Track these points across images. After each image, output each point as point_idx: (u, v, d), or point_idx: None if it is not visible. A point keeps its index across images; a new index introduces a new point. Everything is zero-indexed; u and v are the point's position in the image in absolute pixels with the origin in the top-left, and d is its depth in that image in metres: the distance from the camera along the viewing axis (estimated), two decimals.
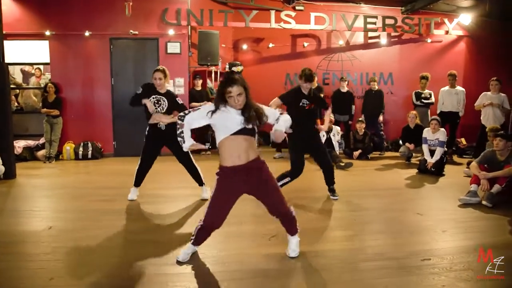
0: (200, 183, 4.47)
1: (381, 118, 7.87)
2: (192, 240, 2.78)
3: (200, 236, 2.74)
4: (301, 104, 4.31)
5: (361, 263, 2.80)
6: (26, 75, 8.66)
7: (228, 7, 7.89)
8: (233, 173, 2.57)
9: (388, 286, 2.45)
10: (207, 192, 4.34)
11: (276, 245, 3.08)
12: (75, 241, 3.21)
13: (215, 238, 2.91)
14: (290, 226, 2.85)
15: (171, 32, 7.37)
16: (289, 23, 7.79)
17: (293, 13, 7.81)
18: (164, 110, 4.20)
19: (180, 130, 2.63)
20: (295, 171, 4.38)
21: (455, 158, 7.47)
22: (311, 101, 4.38)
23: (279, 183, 4.34)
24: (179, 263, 2.75)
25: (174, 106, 4.23)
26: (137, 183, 4.42)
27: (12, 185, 5.34)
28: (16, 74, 8.50)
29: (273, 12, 7.69)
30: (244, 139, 2.56)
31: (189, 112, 2.64)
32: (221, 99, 2.57)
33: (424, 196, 4.82)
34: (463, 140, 7.99)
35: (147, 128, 4.31)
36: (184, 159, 4.38)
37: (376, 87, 7.83)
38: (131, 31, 7.21)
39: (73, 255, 2.95)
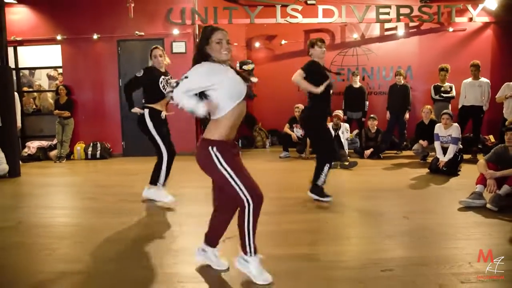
0: (155, 182, 4.07)
1: (407, 115, 7.21)
2: (250, 248, 2.27)
3: (255, 224, 2.26)
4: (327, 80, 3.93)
5: (319, 271, 2.51)
6: (50, 79, 9.07)
7: (234, 4, 7.75)
8: (233, 148, 2.28)
9: None
10: (150, 192, 4.07)
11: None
12: (38, 237, 3.20)
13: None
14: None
15: (176, 31, 7.36)
16: (296, 17, 7.49)
17: (300, 7, 7.49)
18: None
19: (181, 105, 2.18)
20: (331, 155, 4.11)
21: (480, 157, 6.76)
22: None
23: (321, 180, 4.04)
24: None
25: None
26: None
27: (13, 183, 5.55)
28: (43, 78, 8.93)
29: (278, 7, 7.44)
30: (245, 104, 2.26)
31: (177, 84, 2.18)
32: (202, 53, 2.21)
33: (422, 198, 4.33)
34: (491, 137, 7.27)
35: (149, 113, 3.98)
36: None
37: (402, 82, 7.20)
38: (137, 32, 7.28)
39: (26, 249, 2.93)
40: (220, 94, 2.16)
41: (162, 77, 4.06)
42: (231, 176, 2.18)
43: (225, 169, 2.18)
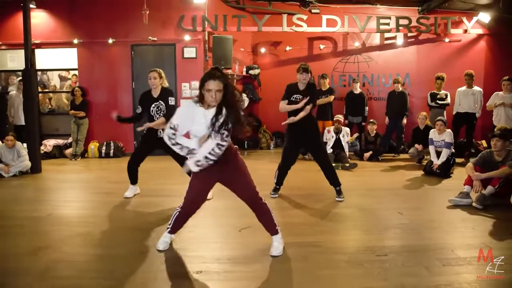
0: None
1: (404, 121, 7.65)
2: (168, 229, 2.96)
3: (177, 223, 2.93)
4: (293, 99, 4.39)
5: (312, 255, 2.91)
6: (62, 80, 9.46)
7: (243, 12, 8.17)
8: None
9: (332, 276, 2.56)
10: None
11: (247, 236, 3.27)
12: (70, 226, 3.60)
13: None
14: (267, 222, 2.91)
15: (187, 37, 7.76)
16: (301, 26, 7.92)
17: (305, 16, 7.92)
18: (163, 112, 4.36)
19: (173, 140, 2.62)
20: (283, 163, 4.54)
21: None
22: (305, 95, 4.33)
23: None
24: (160, 251, 2.93)
25: (166, 108, 4.36)
26: (133, 180, 4.64)
27: (36, 178, 5.95)
28: (54, 79, 9.32)
29: (285, 16, 7.86)
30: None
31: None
32: (199, 92, 2.60)
33: (416, 196, 4.75)
34: (483, 142, 7.68)
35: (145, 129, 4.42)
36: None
37: (400, 88, 7.65)
38: (150, 37, 7.69)
39: (61, 235, 3.33)
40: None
41: (154, 104, 4.37)
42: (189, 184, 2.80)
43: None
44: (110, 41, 7.78)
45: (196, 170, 2.61)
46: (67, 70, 8.66)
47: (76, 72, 8.92)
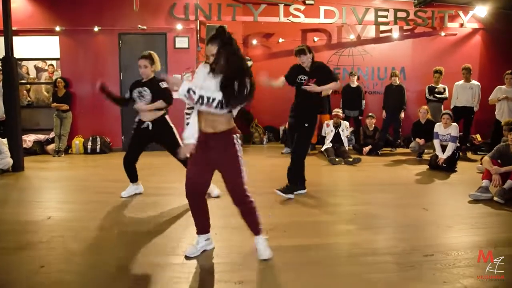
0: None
1: (402, 114, 7.57)
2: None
3: (194, 218, 2.65)
4: (298, 80, 4.15)
5: (359, 257, 2.69)
6: (39, 71, 8.79)
7: (236, 1, 7.83)
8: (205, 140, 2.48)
9: (385, 280, 2.34)
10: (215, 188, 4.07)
11: (272, 239, 3.00)
12: (73, 231, 3.20)
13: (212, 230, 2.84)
14: (252, 221, 2.62)
15: (179, 26, 7.36)
16: (298, 17, 7.68)
17: (302, 7, 7.68)
18: (149, 101, 3.99)
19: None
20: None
21: (470, 154, 7.24)
22: (312, 77, 4.11)
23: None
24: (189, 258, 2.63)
25: (158, 93, 3.99)
26: (132, 178, 4.26)
27: (20, 177, 5.42)
28: (29, 70, 8.64)
29: (282, 6, 7.59)
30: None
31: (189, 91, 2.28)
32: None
33: (432, 191, 4.66)
34: (478, 136, 7.74)
35: (136, 122, 4.11)
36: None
37: (397, 82, 7.56)
38: (139, 26, 7.23)
39: (67, 243, 2.94)
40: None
41: (137, 89, 4.03)
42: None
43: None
44: (96, 29, 7.25)
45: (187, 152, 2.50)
46: (46, 59, 8.03)
47: (54, 63, 8.34)
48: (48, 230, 3.22)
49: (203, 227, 2.69)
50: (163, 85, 3.97)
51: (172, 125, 4.14)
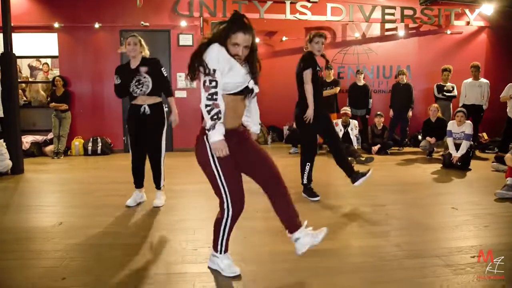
0: (159, 185, 3.86)
1: (410, 113, 7.46)
2: (222, 247, 2.28)
3: (231, 228, 2.24)
4: (317, 69, 3.92)
5: (404, 260, 2.53)
6: (33, 70, 8.49)
7: None
8: (233, 136, 2.16)
9: (441, 286, 2.18)
10: (161, 199, 3.81)
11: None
12: (87, 238, 2.98)
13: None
14: (290, 213, 2.24)
15: (183, 23, 7.14)
16: (305, 14, 7.53)
17: (308, 4, 7.54)
18: (150, 89, 3.52)
19: (216, 110, 2.02)
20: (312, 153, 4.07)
21: (478, 153, 7.16)
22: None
23: (304, 176, 4.09)
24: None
25: (160, 82, 3.58)
26: (138, 183, 3.85)
27: (20, 180, 5.14)
28: (23, 69, 8.33)
29: (288, 3, 7.44)
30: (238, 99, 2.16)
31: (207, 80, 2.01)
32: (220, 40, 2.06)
33: (454, 190, 4.53)
34: (484, 135, 7.70)
35: (128, 109, 3.68)
36: (156, 152, 3.75)
37: (405, 80, 7.46)
38: (142, 22, 6.99)
39: (86, 252, 2.72)
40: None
41: (133, 77, 3.54)
42: (219, 175, 2.12)
43: (215, 165, 2.11)
44: (97, 25, 6.99)
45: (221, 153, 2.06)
46: (42, 57, 7.76)
47: (49, 61, 8.06)
48: (62, 237, 2.98)
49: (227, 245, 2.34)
50: (165, 72, 3.67)
51: (166, 118, 3.76)
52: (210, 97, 2.01)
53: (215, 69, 2.01)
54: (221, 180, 2.12)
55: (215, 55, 2.04)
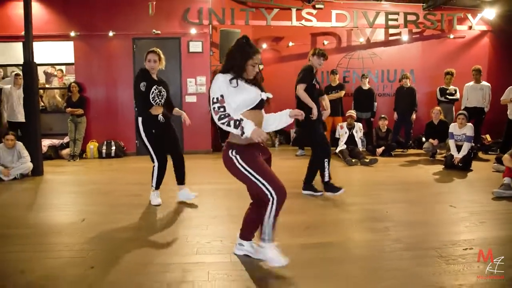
0: (182, 181, 4.16)
1: (414, 116, 7.62)
2: (268, 236, 2.40)
3: (277, 216, 2.37)
4: (314, 82, 4.20)
5: (402, 252, 2.74)
6: (48, 77, 8.83)
7: (248, 6, 7.92)
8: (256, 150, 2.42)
9: (433, 274, 2.39)
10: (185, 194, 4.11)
11: (312, 236, 3.05)
12: (108, 232, 3.24)
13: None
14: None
15: (193, 31, 7.42)
16: (310, 21, 7.78)
17: (314, 11, 7.80)
18: (164, 99, 3.94)
19: (233, 120, 2.26)
20: (327, 150, 4.28)
21: (481, 154, 7.32)
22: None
23: (325, 175, 4.27)
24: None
25: (168, 96, 4.00)
26: (158, 184, 4.09)
27: (40, 181, 5.45)
28: (39, 75, 8.66)
29: (294, 10, 7.69)
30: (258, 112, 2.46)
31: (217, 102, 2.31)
32: (241, 69, 2.37)
33: (454, 189, 4.72)
34: (487, 136, 7.84)
35: (142, 121, 3.85)
36: (179, 149, 4.17)
37: (408, 84, 7.66)
38: (154, 30, 7.29)
39: (108, 245, 2.97)
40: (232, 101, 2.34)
41: (155, 87, 3.85)
42: (252, 175, 2.33)
43: (246, 169, 2.34)
44: (110, 33, 7.31)
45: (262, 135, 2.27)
46: (59, 65, 8.09)
47: (63, 68, 8.39)
48: (86, 232, 3.24)
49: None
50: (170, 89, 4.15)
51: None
52: (222, 116, 2.28)
53: (222, 95, 2.32)
54: (254, 177, 2.33)
55: (218, 85, 2.34)
